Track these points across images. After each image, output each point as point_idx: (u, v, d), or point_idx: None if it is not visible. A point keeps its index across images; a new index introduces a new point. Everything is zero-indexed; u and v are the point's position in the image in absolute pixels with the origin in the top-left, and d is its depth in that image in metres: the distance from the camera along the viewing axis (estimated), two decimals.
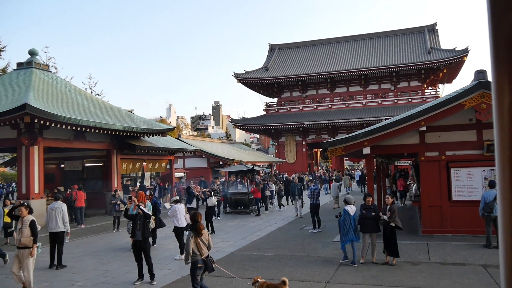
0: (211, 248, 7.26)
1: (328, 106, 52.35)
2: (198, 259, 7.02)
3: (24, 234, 8.52)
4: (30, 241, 8.49)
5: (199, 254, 7.01)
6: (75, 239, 14.60)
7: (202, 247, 7.02)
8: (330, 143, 13.65)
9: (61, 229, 10.78)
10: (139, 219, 9.00)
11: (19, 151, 17.84)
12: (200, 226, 7.13)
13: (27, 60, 21.78)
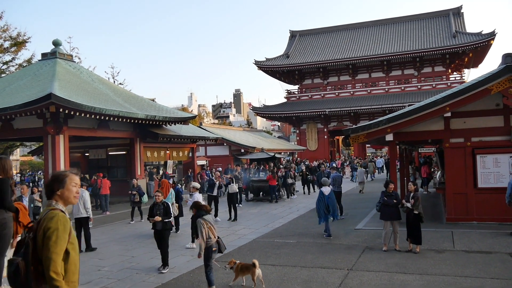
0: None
1: (350, 93, 51.80)
2: (213, 243, 7.14)
3: None
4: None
5: (213, 237, 7.14)
6: (100, 226, 14.90)
7: (213, 230, 7.18)
8: (352, 130, 13.51)
9: (84, 215, 11.14)
10: (157, 209, 9.10)
11: (45, 140, 18.21)
12: (207, 206, 7.51)
13: (51, 50, 22.12)
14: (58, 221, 3.11)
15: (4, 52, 29.98)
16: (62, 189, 3.32)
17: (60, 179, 3.35)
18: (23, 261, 3.06)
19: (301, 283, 7.53)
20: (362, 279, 7.58)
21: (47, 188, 3.37)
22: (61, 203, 3.33)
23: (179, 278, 8.12)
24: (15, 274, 3.04)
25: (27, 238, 3.15)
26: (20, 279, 3.03)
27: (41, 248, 3.06)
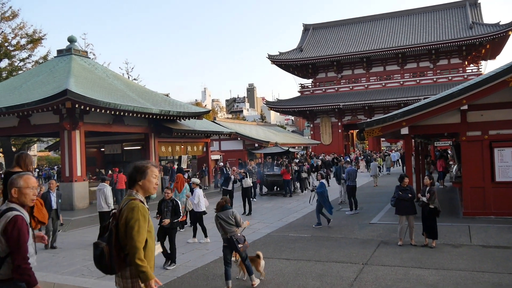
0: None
1: (364, 86, 51.42)
2: (224, 238, 7.27)
3: None
4: None
5: (223, 233, 7.24)
6: None
7: (224, 226, 7.21)
8: (367, 124, 13.41)
9: (105, 209, 11.33)
10: (165, 206, 8.92)
11: (62, 136, 18.43)
12: (225, 199, 7.63)
13: (67, 47, 22.33)
14: (139, 211, 3.38)
15: (20, 49, 30.34)
16: (144, 180, 3.55)
17: (142, 170, 3.58)
18: (107, 246, 3.38)
19: (315, 277, 7.53)
20: (377, 274, 7.55)
21: (129, 178, 3.62)
22: (141, 193, 3.57)
23: (194, 272, 8.18)
24: (100, 257, 3.39)
25: (110, 225, 3.47)
26: (104, 262, 3.37)
27: (123, 236, 3.38)
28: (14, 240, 3.41)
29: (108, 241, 3.41)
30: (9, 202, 3.68)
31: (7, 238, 3.43)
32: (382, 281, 7.15)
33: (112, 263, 3.37)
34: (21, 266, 3.40)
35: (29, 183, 3.72)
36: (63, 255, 10.05)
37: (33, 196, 3.74)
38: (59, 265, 9.09)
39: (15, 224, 3.44)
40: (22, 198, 3.68)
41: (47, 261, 9.27)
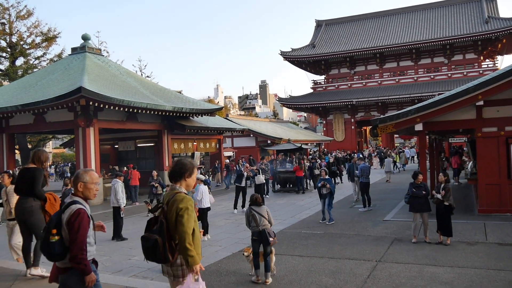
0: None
1: (378, 82, 51.02)
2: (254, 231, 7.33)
3: (12, 205, 7.67)
4: None
5: (256, 225, 7.32)
6: (130, 216, 15.18)
7: (257, 218, 7.36)
8: (380, 120, 13.30)
9: (115, 204, 11.53)
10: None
11: (76, 133, 18.62)
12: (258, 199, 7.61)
13: (81, 45, 22.52)
14: (188, 202, 3.73)
15: (36, 48, 30.68)
16: (189, 178, 3.95)
17: (191, 169, 3.99)
18: (160, 237, 3.65)
19: (328, 274, 7.51)
20: (391, 271, 7.50)
21: (176, 173, 3.95)
22: (183, 188, 3.90)
23: (207, 268, 8.21)
24: (153, 248, 3.67)
25: (160, 218, 3.75)
26: (159, 252, 3.66)
27: (173, 226, 3.69)
28: (74, 232, 3.70)
29: (160, 232, 3.68)
30: (73, 195, 3.95)
31: (69, 229, 3.74)
32: (396, 279, 7.10)
33: (165, 252, 3.65)
34: (77, 256, 3.68)
35: (94, 178, 4.01)
36: None
37: (95, 191, 4.03)
38: None
39: (77, 217, 3.73)
40: (86, 192, 3.96)
41: None
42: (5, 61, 29.73)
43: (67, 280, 3.83)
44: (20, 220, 6.50)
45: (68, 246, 3.72)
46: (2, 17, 29.19)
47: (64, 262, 3.80)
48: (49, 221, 3.92)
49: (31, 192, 6.32)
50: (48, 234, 3.76)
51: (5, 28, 29.31)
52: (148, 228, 3.86)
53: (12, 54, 29.31)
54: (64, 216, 3.78)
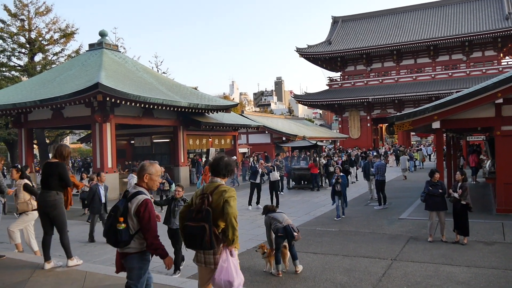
0: None
1: (394, 80, 50.50)
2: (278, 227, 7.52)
3: (20, 199, 7.99)
4: (27, 205, 7.99)
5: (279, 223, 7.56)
6: None
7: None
8: (397, 117, 13.17)
9: None
10: (176, 205, 7.74)
11: (93, 128, 18.83)
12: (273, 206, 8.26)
13: (98, 41, 22.74)
14: (232, 191, 4.08)
15: (54, 44, 31.05)
16: (230, 175, 4.33)
17: (233, 168, 4.41)
18: (207, 224, 3.92)
19: (343, 271, 7.48)
20: (406, 270, 7.44)
21: (221, 168, 4.24)
22: (224, 182, 4.23)
23: None
24: (201, 235, 3.91)
25: (204, 207, 3.98)
26: (205, 239, 3.90)
27: (218, 214, 3.99)
28: (145, 221, 4.00)
29: (207, 219, 3.93)
30: (137, 186, 4.21)
31: (138, 219, 4.02)
32: (411, 277, 7.04)
33: (211, 239, 3.91)
34: (153, 243, 4.02)
35: (158, 171, 4.32)
36: (94, 245, 10.30)
37: (158, 183, 4.41)
38: (90, 254, 9.31)
39: (146, 207, 4.02)
40: (151, 183, 4.26)
41: (79, 250, 9.50)
42: (24, 57, 30.17)
43: (127, 263, 4.19)
44: (44, 213, 6.68)
45: (138, 233, 4.07)
46: (21, 13, 29.61)
47: (126, 248, 4.11)
48: (115, 209, 4.13)
49: (58, 186, 6.60)
50: (114, 221, 4.04)
51: (24, 25, 29.73)
52: (190, 217, 4.04)
53: (31, 50, 29.72)
54: (131, 205, 4.06)
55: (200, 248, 4.00)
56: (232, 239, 3.96)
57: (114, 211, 4.13)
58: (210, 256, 4.06)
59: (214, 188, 4.10)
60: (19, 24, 29.63)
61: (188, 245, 4.07)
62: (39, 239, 7.06)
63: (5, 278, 6.36)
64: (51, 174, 6.59)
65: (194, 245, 4.01)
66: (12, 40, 29.40)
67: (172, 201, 7.88)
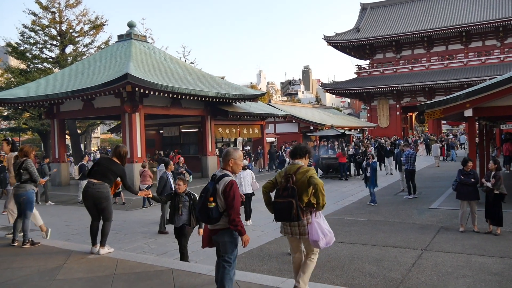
0: None
1: (425, 67, 49.36)
2: None
3: (13, 173, 7.90)
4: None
5: None
6: None
7: None
8: (427, 105, 12.88)
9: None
10: (180, 201, 7.14)
11: (123, 118, 19.12)
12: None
13: (127, 32, 22.99)
14: (313, 170, 4.89)
15: (84, 35, 31.57)
16: (308, 158, 5.09)
17: (310, 150, 5.18)
18: (294, 200, 4.64)
19: (372, 261, 7.42)
20: (437, 260, 7.32)
21: (301, 151, 5.06)
22: (303, 163, 5.01)
23: (250, 252, 8.30)
24: (288, 208, 4.65)
25: (289, 185, 4.74)
26: (293, 212, 4.63)
27: (303, 189, 4.75)
28: (230, 199, 4.52)
29: (293, 196, 4.65)
30: (223, 169, 4.77)
31: (225, 197, 4.54)
32: (442, 268, 6.92)
33: (298, 212, 4.63)
34: (235, 219, 4.53)
35: (241, 156, 4.88)
36: (125, 233, 10.53)
37: (241, 167, 4.99)
38: (121, 242, 9.52)
39: (231, 187, 4.55)
40: (235, 167, 4.81)
41: (111, 238, 9.73)
42: (56, 49, 30.81)
43: (219, 238, 4.72)
44: (93, 203, 6.98)
45: (226, 211, 4.56)
46: (52, 5, 30.18)
47: (216, 224, 4.65)
48: (205, 190, 4.70)
49: (110, 180, 7.01)
50: (205, 201, 4.58)
51: (55, 17, 30.32)
52: (278, 195, 4.82)
53: (62, 42, 30.32)
54: (218, 186, 4.59)
55: (288, 220, 4.70)
56: (322, 205, 4.73)
57: (204, 192, 4.70)
58: (295, 227, 4.78)
59: (297, 169, 4.82)
60: (50, 16, 30.25)
61: (277, 219, 4.83)
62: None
63: (40, 264, 6.58)
64: (110, 169, 6.98)
65: (283, 218, 4.76)
66: (43, 33, 30.05)
67: (175, 196, 7.24)
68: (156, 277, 5.85)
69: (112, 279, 5.80)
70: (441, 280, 6.38)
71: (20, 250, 7.54)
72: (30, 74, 29.13)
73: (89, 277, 5.92)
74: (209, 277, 5.75)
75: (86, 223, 6.99)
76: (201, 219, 4.89)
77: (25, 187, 7.70)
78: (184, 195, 7.20)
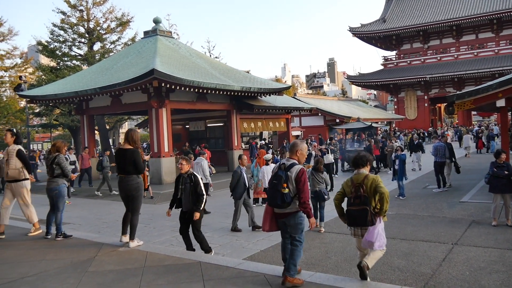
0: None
1: (454, 57, 48.20)
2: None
3: (12, 166, 7.85)
4: (19, 173, 7.94)
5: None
6: None
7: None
8: (457, 96, 12.59)
9: (204, 181, 11.98)
10: (182, 182, 7.14)
11: (150, 114, 19.37)
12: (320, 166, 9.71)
13: (152, 28, 23.24)
14: (379, 177, 5.26)
15: (111, 33, 32.09)
16: (369, 164, 5.48)
17: (370, 158, 5.54)
18: (367, 207, 5.05)
19: (401, 255, 7.31)
20: (468, 255, 7.16)
21: (363, 161, 5.42)
22: (367, 171, 5.40)
23: (277, 246, 8.28)
24: (364, 215, 5.05)
25: (361, 194, 5.13)
26: (368, 217, 5.04)
27: (370, 196, 5.13)
28: (302, 184, 5.12)
29: (366, 203, 5.07)
30: (290, 159, 5.37)
31: (297, 183, 5.13)
32: (474, 263, 6.77)
33: (372, 217, 5.04)
34: (305, 202, 5.14)
35: (306, 147, 5.51)
36: (153, 226, 10.67)
37: (305, 157, 5.53)
38: (150, 235, 9.66)
39: (303, 173, 5.17)
40: (301, 157, 5.40)
41: (139, 231, 9.90)
42: (84, 47, 31.42)
43: (288, 221, 5.27)
44: (126, 196, 7.14)
45: (297, 195, 5.14)
46: (80, 4, 30.77)
47: (288, 208, 5.18)
48: (278, 177, 5.23)
49: (134, 171, 7.02)
50: (279, 187, 5.14)
51: (83, 15, 30.90)
52: (350, 203, 5.22)
53: (90, 39, 30.89)
54: (290, 174, 5.17)
55: (364, 225, 5.08)
56: (385, 210, 5.10)
57: (276, 179, 5.24)
58: (365, 230, 5.14)
59: (363, 178, 5.19)
60: (79, 14, 30.83)
61: (352, 224, 5.23)
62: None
63: (73, 256, 6.75)
64: (126, 160, 7.01)
65: (358, 224, 5.16)
66: (72, 31, 30.68)
67: (179, 178, 7.20)
68: (184, 270, 5.92)
69: (142, 271, 5.90)
70: (473, 275, 6.23)
71: (53, 242, 7.77)
72: (60, 71, 29.83)
73: (119, 269, 6.04)
74: (237, 270, 5.79)
75: (116, 217, 7.15)
76: (272, 204, 5.31)
77: (57, 182, 7.91)
78: (186, 176, 7.12)
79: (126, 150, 7.04)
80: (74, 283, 5.51)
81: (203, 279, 5.53)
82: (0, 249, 7.47)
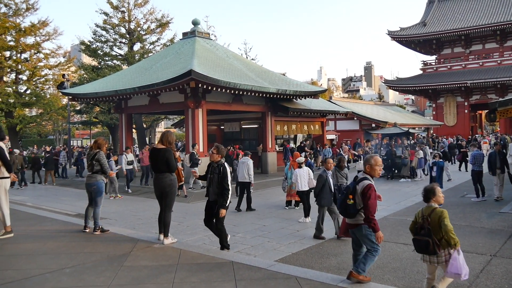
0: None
1: (497, 62, 46.66)
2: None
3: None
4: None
5: None
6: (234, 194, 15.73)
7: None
8: (500, 103, 12.19)
9: (247, 180, 12.66)
10: (212, 171, 7.21)
11: (186, 114, 19.66)
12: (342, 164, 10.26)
13: (191, 29, 23.60)
14: (445, 212, 5.28)
15: (151, 33, 32.78)
16: (438, 197, 5.50)
17: (436, 191, 5.49)
18: (430, 239, 5.14)
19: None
20: (508, 267, 6.93)
21: (429, 194, 5.42)
22: (436, 204, 5.43)
23: (309, 249, 8.28)
24: (426, 246, 5.16)
25: (425, 226, 5.23)
26: (430, 247, 5.13)
27: (437, 228, 5.17)
28: (367, 200, 5.32)
29: (429, 235, 5.17)
30: (364, 173, 5.55)
31: (363, 197, 5.35)
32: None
33: (434, 247, 5.13)
34: (369, 217, 5.35)
35: (377, 161, 5.59)
36: (186, 224, 10.83)
37: (379, 171, 5.62)
38: (183, 233, 9.81)
39: (369, 189, 5.35)
40: (372, 172, 5.56)
41: (173, 229, 10.07)
42: (125, 47, 32.24)
43: (356, 232, 5.59)
44: (161, 194, 7.40)
45: (361, 209, 5.39)
46: (122, 5, 31.60)
47: (353, 219, 5.51)
48: (347, 188, 5.64)
49: (167, 169, 7.31)
50: (346, 197, 5.47)
51: (125, 16, 31.71)
52: (417, 233, 5.36)
53: (131, 40, 31.66)
54: (358, 187, 5.43)
55: (427, 253, 5.25)
56: (454, 244, 5.11)
57: (346, 190, 5.63)
58: (434, 257, 5.25)
59: (431, 211, 5.32)
60: (120, 15, 31.66)
61: (418, 251, 5.38)
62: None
63: (109, 250, 6.96)
64: (159, 159, 7.32)
65: (422, 252, 5.30)
66: (114, 31, 31.54)
67: (209, 167, 7.33)
68: (217, 269, 6.00)
69: (175, 268, 6.02)
70: None
71: (91, 236, 8.03)
72: (101, 70, 30.69)
73: (154, 265, 6.19)
74: (269, 272, 5.82)
75: (151, 214, 7.32)
76: (340, 212, 5.76)
77: (96, 177, 8.19)
78: (216, 166, 7.16)
79: (159, 149, 7.38)
80: (111, 277, 5.68)
81: (235, 278, 5.59)
82: (42, 240, 7.78)
